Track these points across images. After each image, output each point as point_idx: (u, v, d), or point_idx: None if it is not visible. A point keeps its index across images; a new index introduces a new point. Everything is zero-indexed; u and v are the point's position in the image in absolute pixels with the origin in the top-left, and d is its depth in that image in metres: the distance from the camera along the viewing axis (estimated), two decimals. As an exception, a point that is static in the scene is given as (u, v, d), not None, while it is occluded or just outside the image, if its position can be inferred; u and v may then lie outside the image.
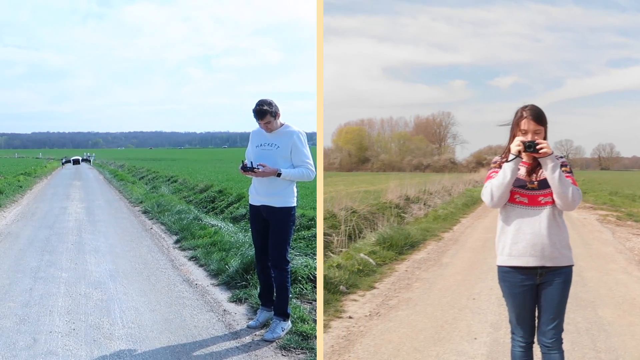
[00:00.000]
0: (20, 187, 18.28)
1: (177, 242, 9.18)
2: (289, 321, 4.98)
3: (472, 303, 6.21)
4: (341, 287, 6.53)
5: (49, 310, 5.51)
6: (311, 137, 5.02)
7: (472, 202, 18.08)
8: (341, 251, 8.73)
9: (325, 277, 6.54)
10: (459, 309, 5.99)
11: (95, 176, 27.90)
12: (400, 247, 9.24)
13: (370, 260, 7.95)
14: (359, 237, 9.87)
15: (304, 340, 4.75)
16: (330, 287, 6.41)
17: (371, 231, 10.25)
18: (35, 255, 8.06)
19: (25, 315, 5.35)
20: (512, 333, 3.48)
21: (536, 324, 3.41)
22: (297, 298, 5.76)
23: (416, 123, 60.26)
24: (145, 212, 13.08)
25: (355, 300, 6.32)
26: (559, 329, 3.34)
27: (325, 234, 9.42)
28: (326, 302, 5.98)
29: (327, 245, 9.05)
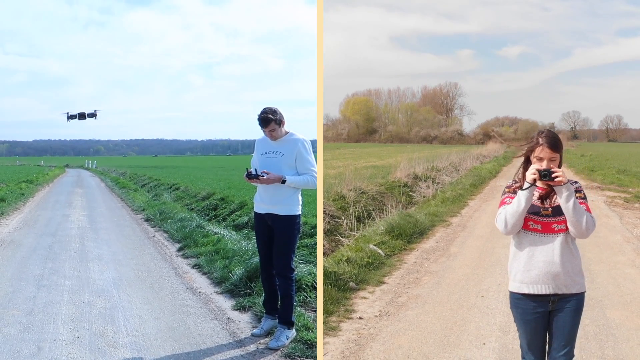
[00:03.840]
0: (23, 194, 18.26)
1: (180, 249, 9.17)
2: (294, 329, 4.97)
3: (480, 301, 6.21)
4: (351, 283, 6.54)
5: (53, 318, 5.51)
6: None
7: (479, 181, 18.00)
8: (350, 233, 8.74)
9: (334, 273, 6.57)
10: (467, 309, 6.00)
11: (97, 184, 27.90)
12: (409, 235, 9.29)
13: (380, 251, 7.98)
14: (368, 219, 9.88)
15: (309, 348, 4.74)
16: (340, 285, 6.42)
17: (380, 213, 10.28)
18: (38, 263, 8.05)
19: (29, 323, 5.35)
20: (523, 358, 3.47)
21: (546, 349, 3.40)
22: (301, 306, 5.74)
23: (423, 94, 59.28)
24: (147, 219, 13.08)
25: (364, 297, 6.33)
26: (569, 356, 3.33)
27: (334, 217, 9.45)
28: (336, 301, 6.00)
29: (336, 228, 9.08)
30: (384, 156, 25.14)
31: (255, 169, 4.86)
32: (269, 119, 4.81)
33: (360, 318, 5.67)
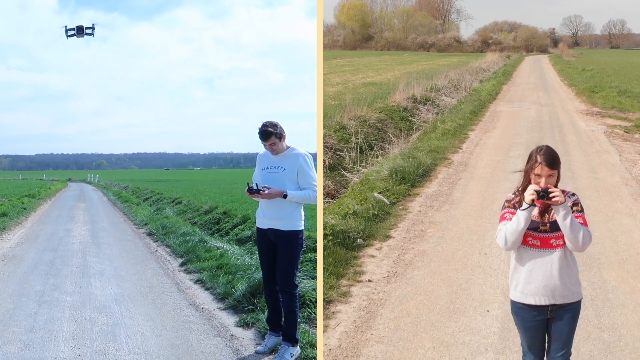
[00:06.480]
0: (25, 209, 18.23)
1: (182, 265, 9.10)
2: (298, 346, 4.91)
3: (483, 260, 6.44)
4: (358, 240, 6.58)
5: (54, 336, 5.45)
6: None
7: (479, 106, 17.97)
8: (353, 167, 8.75)
9: (342, 231, 6.63)
10: (471, 268, 6.26)
11: (100, 198, 27.90)
12: (412, 179, 9.49)
13: (384, 199, 8.06)
14: (370, 151, 9.93)
15: (313, 366, 4.68)
16: (348, 243, 6.46)
17: (382, 143, 10.36)
18: (39, 278, 8.00)
19: (30, 341, 5.29)
20: (524, 355, 3.73)
21: (546, 348, 3.65)
22: (306, 323, 5.68)
23: (419, -3, 57.40)
24: (149, 234, 13.02)
25: (372, 256, 6.51)
26: (567, 355, 3.57)
27: (336, 150, 9.50)
28: (345, 262, 6.15)
29: (339, 162, 9.13)
30: (382, 69, 25.16)
31: (257, 184, 4.83)
32: (270, 133, 4.79)
33: (369, 281, 5.88)
